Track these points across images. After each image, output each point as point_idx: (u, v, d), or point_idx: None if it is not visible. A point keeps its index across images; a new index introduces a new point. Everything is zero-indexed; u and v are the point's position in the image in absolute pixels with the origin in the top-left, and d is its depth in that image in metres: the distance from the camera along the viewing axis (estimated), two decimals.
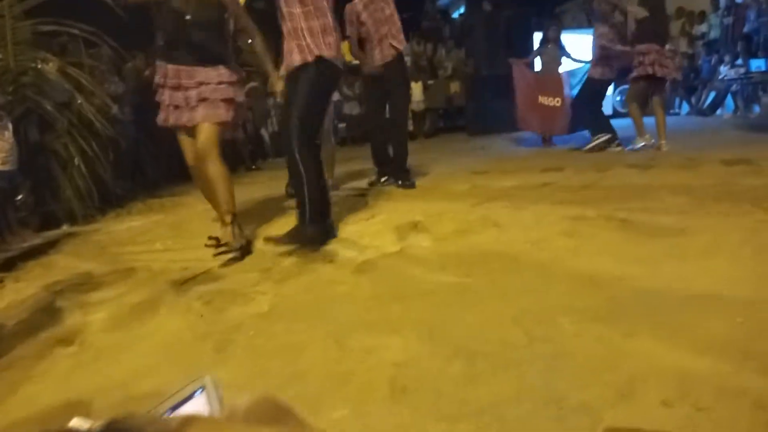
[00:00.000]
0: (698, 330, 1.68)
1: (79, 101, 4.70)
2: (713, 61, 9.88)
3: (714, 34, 10.51)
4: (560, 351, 1.63)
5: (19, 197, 4.41)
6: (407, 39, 12.20)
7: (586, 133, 6.43)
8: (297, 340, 1.90)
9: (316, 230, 2.96)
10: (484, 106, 10.02)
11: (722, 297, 1.89)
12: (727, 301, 1.85)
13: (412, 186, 4.76)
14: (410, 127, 11.29)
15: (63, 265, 3.34)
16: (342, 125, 10.49)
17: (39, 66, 4.61)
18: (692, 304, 1.86)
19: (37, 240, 4.13)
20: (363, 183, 5.19)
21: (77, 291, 2.72)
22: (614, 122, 6.50)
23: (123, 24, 4.49)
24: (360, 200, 4.39)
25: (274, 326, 2.04)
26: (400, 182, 4.83)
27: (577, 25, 10.97)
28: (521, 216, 3.39)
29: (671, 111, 10.89)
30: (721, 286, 1.99)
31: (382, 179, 5.03)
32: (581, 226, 2.98)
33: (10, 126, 4.10)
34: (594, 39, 6.05)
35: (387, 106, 4.98)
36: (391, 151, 4.98)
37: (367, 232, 3.32)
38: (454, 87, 11.58)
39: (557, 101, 6.94)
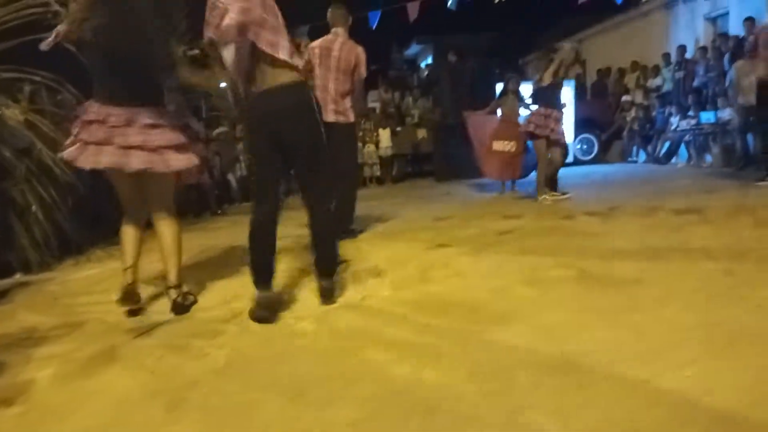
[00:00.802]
0: (651, 383, 1.70)
1: (39, 147, 4.62)
2: (666, 112, 10.36)
3: (667, 87, 11.05)
4: (515, 405, 1.63)
5: None
6: (376, 87, 12.53)
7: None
8: (252, 398, 1.85)
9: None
10: (450, 153, 10.25)
11: (674, 349, 1.93)
12: (679, 353, 1.89)
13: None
14: (378, 173, 11.44)
15: (12, 317, 3.21)
16: None
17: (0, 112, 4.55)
18: (646, 357, 1.89)
19: None
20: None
21: (24, 345, 2.60)
22: (573, 170, 6.71)
23: (85, 70, 4.48)
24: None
25: (229, 383, 1.99)
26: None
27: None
28: (482, 264, 3.42)
29: (629, 159, 11.31)
30: (673, 337, 2.04)
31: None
32: (541, 275, 3.02)
33: None
34: None
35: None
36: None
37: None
38: (421, 134, 11.82)
39: (512, 146, 7.15)
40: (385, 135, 11.35)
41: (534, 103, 6.37)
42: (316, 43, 4.61)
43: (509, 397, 1.69)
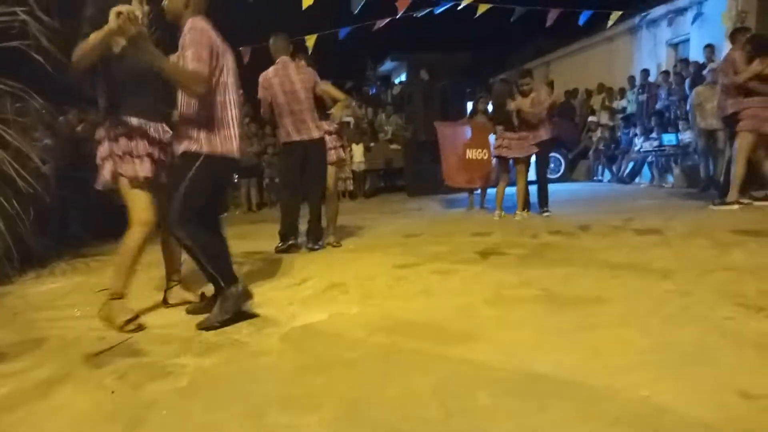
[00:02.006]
0: (609, 402, 1.75)
1: (1, 158, 4.51)
2: (631, 133, 10.68)
3: (630, 108, 11.41)
4: (476, 427, 1.66)
5: None
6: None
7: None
8: (213, 418, 1.84)
9: (237, 287, 2.88)
10: (422, 169, 10.36)
11: (631, 369, 1.99)
12: (636, 373, 1.95)
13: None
14: (351, 187, 11.48)
15: None
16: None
17: None
18: (604, 376, 1.94)
19: None
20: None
21: None
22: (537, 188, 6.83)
23: (53, 79, 4.41)
24: (291, 262, 4.37)
25: (190, 403, 1.96)
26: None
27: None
28: (449, 282, 3.47)
29: (595, 178, 11.60)
30: (631, 357, 2.10)
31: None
32: (505, 293, 3.08)
33: None
34: None
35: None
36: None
37: (297, 298, 3.30)
38: (394, 150, 11.92)
39: (484, 153, 7.32)
40: (358, 150, 11.41)
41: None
42: (270, 74, 4.86)
43: (470, 418, 1.72)
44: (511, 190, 6.43)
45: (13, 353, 2.64)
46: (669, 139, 9.48)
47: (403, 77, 14.53)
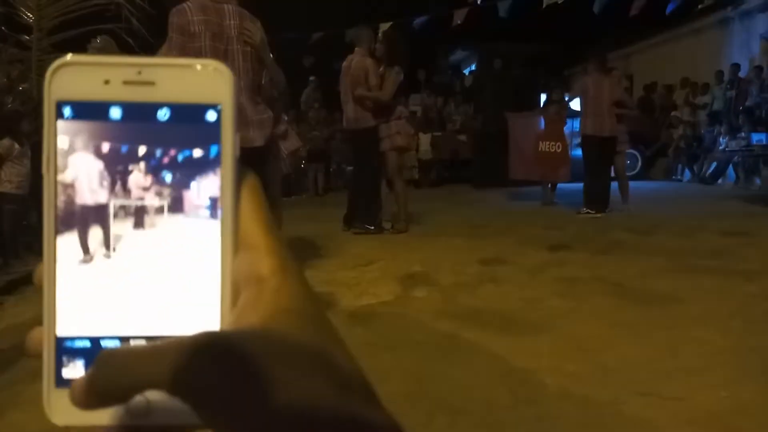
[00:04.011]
0: (683, 402, 1.70)
1: None
2: (715, 131, 10.09)
3: (717, 105, 10.76)
4: (544, 414, 1.65)
5: (25, 222, 4.49)
6: (418, 91, 12.60)
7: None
8: None
9: None
10: (490, 161, 10.20)
11: (709, 369, 1.91)
12: (713, 374, 1.87)
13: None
14: (416, 176, 11.49)
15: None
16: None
17: None
18: (679, 376, 1.88)
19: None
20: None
21: None
22: (616, 185, 6.59)
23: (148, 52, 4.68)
24: (360, 244, 4.45)
25: None
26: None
27: None
28: (517, 272, 3.43)
29: (674, 177, 11.05)
30: (709, 357, 2.02)
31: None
32: (575, 287, 3.01)
33: (29, 153, 4.23)
34: None
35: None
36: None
37: (365, 279, 3.36)
38: (461, 140, 11.81)
39: (558, 146, 7.07)
40: (425, 139, 11.39)
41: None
42: (346, 62, 5.04)
43: (539, 406, 1.71)
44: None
45: None
46: (759, 138, 8.88)
47: (473, 67, 14.35)
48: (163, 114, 0.26)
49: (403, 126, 5.10)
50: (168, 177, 0.26)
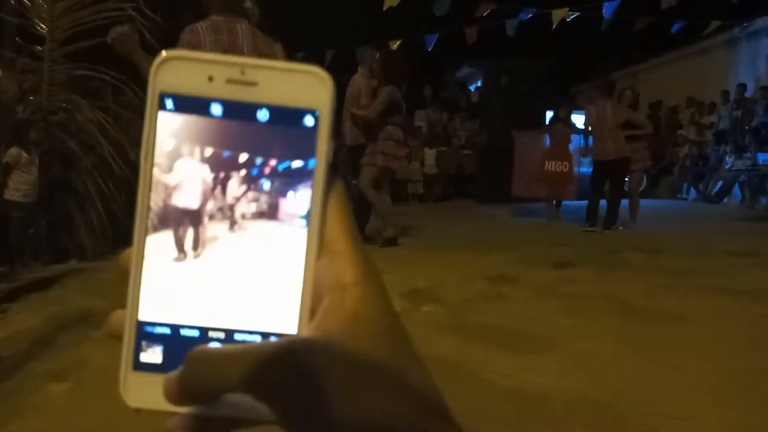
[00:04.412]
0: (691, 422, 1.68)
1: (101, 142, 4.87)
2: (721, 150, 10.08)
3: (723, 125, 10.76)
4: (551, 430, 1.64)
5: (32, 230, 4.51)
6: (424, 107, 12.66)
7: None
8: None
9: None
10: (495, 176, 10.19)
11: (718, 391, 1.89)
12: (722, 395, 1.85)
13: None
14: (421, 190, 11.50)
15: (68, 299, 3.37)
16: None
17: (69, 107, 4.82)
18: (686, 396, 1.86)
19: (45, 273, 4.18)
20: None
21: (79, 326, 2.74)
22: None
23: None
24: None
25: None
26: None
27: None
28: (522, 289, 3.41)
29: (679, 196, 11.03)
30: (717, 379, 1.99)
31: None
32: (581, 304, 3.00)
33: (37, 161, 4.26)
34: None
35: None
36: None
37: None
38: (466, 155, 11.83)
39: (565, 165, 7.08)
40: (430, 154, 11.42)
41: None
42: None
43: (546, 424, 1.69)
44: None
45: None
46: (765, 158, 8.86)
47: (479, 83, 14.42)
48: (263, 115, 0.26)
49: (391, 147, 5.02)
50: (262, 178, 0.26)
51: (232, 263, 0.26)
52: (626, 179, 6.37)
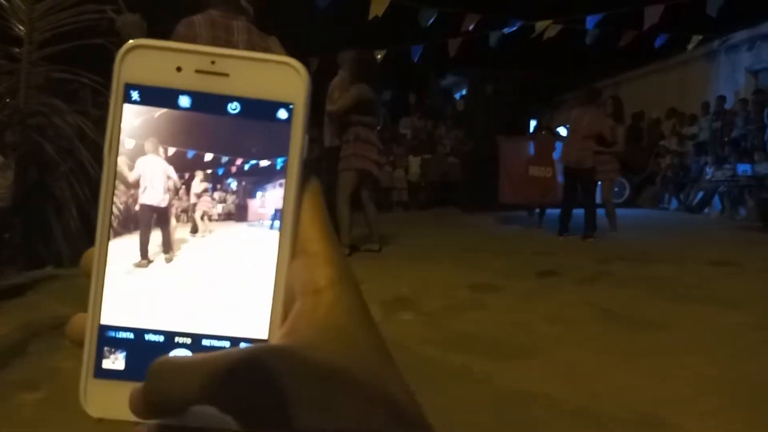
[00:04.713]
0: (674, 430, 1.67)
1: (78, 146, 4.79)
2: (702, 161, 10.23)
3: (704, 136, 10.94)
4: None
5: (6, 235, 4.40)
6: (409, 114, 12.70)
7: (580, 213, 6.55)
8: None
9: None
10: (479, 185, 10.24)
11: (698, 398, 1.89)
12: (703, 403, 1.85)
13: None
14: (405, 197, 11.51)
15: (42, 306, 3.29)
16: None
17: (47, 110, 4.73)
18: (668, 404, 1.85)
19: (19, 279, 4.08)
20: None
21: (52, 334, 2.66)
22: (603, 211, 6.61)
23: None
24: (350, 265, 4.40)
25: None
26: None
27: None
28: (505, 297, 3.40)
29: (661, 205, 11.16)
30: (697, 386, 1.99)
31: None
32: (565, 312, 2.99)
33: (13, 165, 4.17)
34: None
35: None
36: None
37: None
38: (451, 163, 11.88)
39: (548, 171, 7.13)
40: (414, 161, 11.45)
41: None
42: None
43: (525, 430, 1.67)
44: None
45: None
46: (744, 169, 9.01)
47: (464, 92, 14.51)
48: (234, 108, 0.25)
49: (364, 149, 4.92)
50: (232, 175, 0.25)
51: (201, 265, 0.25)
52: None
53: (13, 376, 2.19)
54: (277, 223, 0.25)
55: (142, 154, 0.24)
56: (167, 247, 0.25)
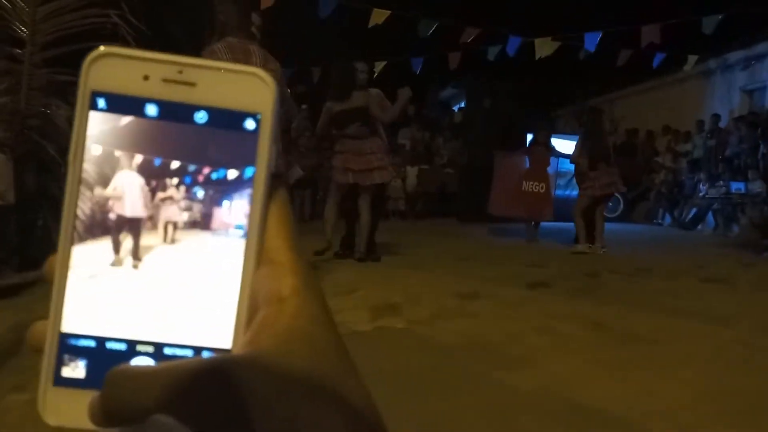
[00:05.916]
0: None
1: None
2: (695, 178, 10.31)
3: (698, 153, 11.02)
4: None
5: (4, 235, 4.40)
6: (408, 125, 12.76)
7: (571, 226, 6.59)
8: None
9: None
10: (476, 196, 10.28)
11: (687, 411, 1.91)
12: (691, 416, 1.87)
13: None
14: (402, 207, 11.55)
15: (36, 308, 3.28)
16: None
17: (48, 111, 4.75)
18: (656, 417, 1.87)
19: (13, 280, 4.07)
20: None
21: None
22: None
23: None
24: (343, 272, 4.42)
25: None
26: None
27: (570, 131, 11.50)
28: (498, 307, 3.42)
29: (655, 221, 11.22)
30: (687, 400, 2.01)
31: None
32: (556, 324, 3.02)
33: (11, 164, 4.19)
34: None
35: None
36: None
37: (345, 307, 3.33)
38: (448, 174, 11.94)
39: (542, 187, 7.19)
40: (412, 172, 11.50)
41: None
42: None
43: None
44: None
45: None
46: (737, 187, 9.08)
47: (463, 104, 14.61)
48: (201, 117, 0.25)
49: (339, 160, 4.98)
50: (198, 184, 0.25)
51: (165, 273, 0.25)
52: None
53: (2, 377, 2.19)
54: (242, 232, 0.25)
55: (110, 161, 0.24)
56: (130, 252, 0.25)
